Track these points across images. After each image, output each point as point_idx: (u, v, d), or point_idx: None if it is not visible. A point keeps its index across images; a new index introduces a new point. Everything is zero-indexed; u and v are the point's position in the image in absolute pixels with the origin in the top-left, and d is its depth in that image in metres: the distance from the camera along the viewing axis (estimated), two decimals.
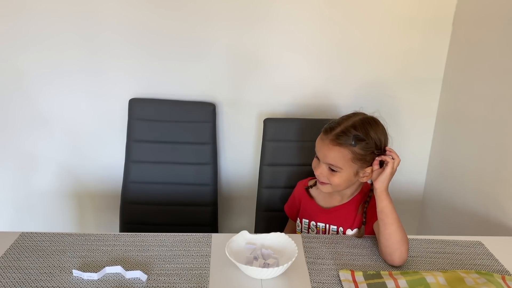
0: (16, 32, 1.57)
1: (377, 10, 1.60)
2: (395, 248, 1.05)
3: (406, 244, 1.06)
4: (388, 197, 1.10)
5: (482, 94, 1.49)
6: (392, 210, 1.08)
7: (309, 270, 1.03)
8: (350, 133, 1.14)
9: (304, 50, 1.64)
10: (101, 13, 1.56)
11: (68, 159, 1.78)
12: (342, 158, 1.15)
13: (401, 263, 1.06)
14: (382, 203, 1.09)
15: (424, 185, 1.88)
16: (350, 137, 1.14)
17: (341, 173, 1.17)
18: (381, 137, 1.17)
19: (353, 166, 1.16)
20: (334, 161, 1.16)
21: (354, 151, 1.14)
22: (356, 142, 1.13)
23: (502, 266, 1.08)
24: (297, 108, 1.72)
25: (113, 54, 1.62)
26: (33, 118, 1.70)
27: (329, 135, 1.17)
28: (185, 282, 0.98)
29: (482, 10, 1.49)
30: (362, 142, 1.14)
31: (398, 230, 1.06)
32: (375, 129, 1.17)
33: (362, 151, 1.14)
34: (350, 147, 1.14)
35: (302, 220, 1.32)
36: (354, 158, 1.15)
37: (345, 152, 1.15)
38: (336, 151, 1.15)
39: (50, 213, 1.86)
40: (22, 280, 0.97)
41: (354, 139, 1.13)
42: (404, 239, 1.06)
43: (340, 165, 1.16)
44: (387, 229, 1.07)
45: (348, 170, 1.16)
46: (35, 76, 1.64)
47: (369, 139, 1.14)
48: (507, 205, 1.36)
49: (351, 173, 1.17)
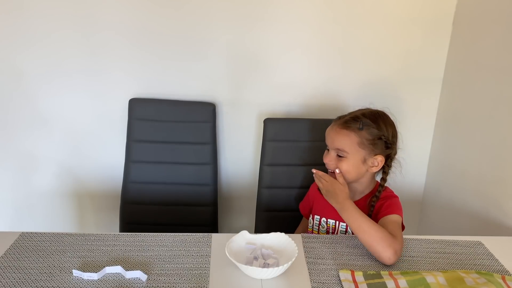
0: (16, 31, 1.57)
1: (377, 10, 1.60)
2: (374, 251, 1.07)
3: (383, 243, 1.05)
4: (346, 210, 1.13)
5: (482, 94, 1.49)
6: (351, 221, 1.11)
7: (309, 270, 1.03)
8: (359, 118, 1.20)
9: (304, 50, 1.64)
10: (101, 13, 1.56)
11: (68, 159, 1.78)
12: (349, 142, 1.19)
13: (391, 261, 1.05)
14: (342, 216, 1.14)
15: (424, 185, 1.88)
16: (356, 120, 1.19)
17: (348, 159, 1.19)
18: (389, 128, 1.21)
19: (360, 151, 1.19)
20: (341, 144, 1.20)
21: (361, 135, 1.18)
22: (363, 126, 1.18)
23: (502, 266, 1.08)
24: (297, 108, 1.72)
25: (113, 54, 1.62)
26: (33, 118, 1.70)
27: (338, 121, 1.23)
28: (185, 282, 0.98)
29: (482, 10, 1.49)
30: (369, 127, 1.18)
31: (365, 236, 1.08)
32: (383, 119, 1.22)
33: (369, 136, 1.18)
34: (357, 131, 1.18)
35: (314, 216, 1.33)
36: (361, 142, 1.18)
37: (352, 136, 1.19)
38: (344, 135, 1.20)
39: (50, 213, 1.86)
40: (22, 280, 0.97)
41: (361, 123, 1.18)
42: (377, 240, 1.06)
43: (347, 149, 1.19)
44: (358, 237, 1.10)
45: (355, 155, 1.19)
46: (35, 76, 1.64)
47: (377, 125, 1.19)
48: (507, 205, 1.36)
49: (359, 159, 1.20)
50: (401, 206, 1.24)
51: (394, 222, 1.15)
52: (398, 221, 1.17)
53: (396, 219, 1.17)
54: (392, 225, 1.13)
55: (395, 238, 1.07)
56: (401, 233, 1.12)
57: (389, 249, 1.05)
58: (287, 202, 1.56)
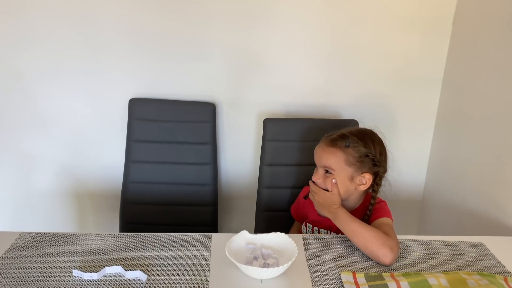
0: (16, 31, 1.57)
1: (377, 10, 1.60)
2: (370, 252, 1.07)
3: (377, 242, 1.05)
4: (339, 217, 1.13)
5: (482, 94, 1.49)
6: (345, 226, 1.12)
7: (310, 272, 1.03)
8: (346, 136, 1.20)
9: (304, 50, 1.64)
10: (101, 13, 1.56)
11: (68, 159, 1.78)
12: (335, 160, 1.19)
13: (389, 259, 1.04)
14: (336, 223, 1.15)
15: (424, 185, 1.88)
16: (342, 137, 1.19)
17: (335, 176, 1.19)
18: (376, 145, 1.21)
19: (346, 169, 1.19)
20: (328, 162, 1.20)
21: (348, 152, 1.18)
22: (349, 144, 1.18)
23: (504, 268, 1.08)
24: (297, 108, 1.72)
25: (113, 54, 1.62)
26: (33, 118, 1.70)
27: (325, 140, 1.24)
28: (185, 282, 0.98)
29: (482, 10, 1.49)
30: (356, 145, 1.18)
31: (358, 239, 1.08)
32: (371, 137, 1.22)
33: (355, 154, 1.18)
34: (343, 149, 1.18)
35: (307, 224, 1.33)
36: (347, 160, 1.18)
37: (338, 154, 1.19)
38: (330, 152, 1.20)
39: (50, 213, 1.86)
40: (22, 280, 0.97)
41: (348, 141, 1.18)
42: (371, 240, 1.06)
43: (334, 167, 1.19)
44: (352, 241, 1.11)
45: (342, 173, 1.19)
46: (35, 76, 1.64)
47: (363, 142, 1.19)
48: (507, 205, 1.36)
49: (346, 177, 1.19)
50: (389, 210, 1.24)
51: (385, 224, 1.15)
52: (389, 223, 1.17)
53: (387, 221, 1.17)
54: (383, 226, 1.13)
55: (389, 236, 1.08)
56: (394, 233, 1.12)
57: (384, 247, 1.05)
58: (287, 202, 1.56)
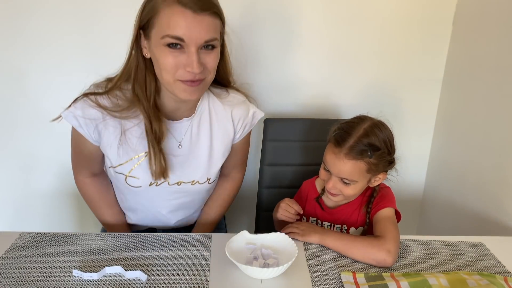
0: (16, 31, 1.57)
1: (378, 10, 1.60)
2: (369, 261, 1.06)
3: (373, 249, 1.05)
4: (328, 235, 1.11)
5: (482, 94, 1.49)
6: (337, 242, 1.09)
7: (310, 272, 1.03)
8: (363, 143, 1.10)
9: (304, 50, 1.64)
10: (102, 13, 1.55)
11: (68, 159, 1.77)
12: (358, 171, 1.12)
13: (388, 261, 1.04)
14: (326, 242, 1.11)
15: (424, 185, 1.88)
16: (365, 148, 1.10)
17: (355, 185, 1.15)
18: (391, 140, 1.16)
19: (367, 176, 1.15)
20: (350, 175, 1.12)
21: (370, 161, 1.11)
22: (372, 153, 1.10)
23: (504, 268, 1.08)
24: (298, 108, 1.72)
25: (114, 54, 1.61)
26: (33, 118, 1.70)
27: (342, 148, 1.11)
28: (185, 282, 0.98)
29: (482, 10, 1.49)
30: (377, 152, 1.11)
31: (353, 251, 1.07)
32: (384, 133, 1.14)
33: (377, 160, 1.12)
34: (366, 160, 1.11)
35: (309, 218, 1.32)
36: (369, 168, 1.12)
37: (361, 165, 1.11)
38: (352, 165, 1.11)
39: (50, 213, 1.86)
40: (22, 280, 0.97)
41: (370, 150, 1.10)
42: (366, 249, 1.06)
43: (356, 178, 1.13)
44: (348, 255, 1.08)
45: (363, 181, 1.15)
46: (35, 76, 1.64)
47: (382, 146, 1.12)
48: (508, 205, 1.36)
49: (365, 183, 1.17)
50: (393, 195, 1.22)
51: (385, 219, 1.14)
52: (389, 215, 1.15)
53: (387, 214, 1.15)
54: (382, 223, 1.13)
55: (384, 239, 1.07)
56: (394, 229, 1.10)
57: (380, 251, 1.04)
58: None
